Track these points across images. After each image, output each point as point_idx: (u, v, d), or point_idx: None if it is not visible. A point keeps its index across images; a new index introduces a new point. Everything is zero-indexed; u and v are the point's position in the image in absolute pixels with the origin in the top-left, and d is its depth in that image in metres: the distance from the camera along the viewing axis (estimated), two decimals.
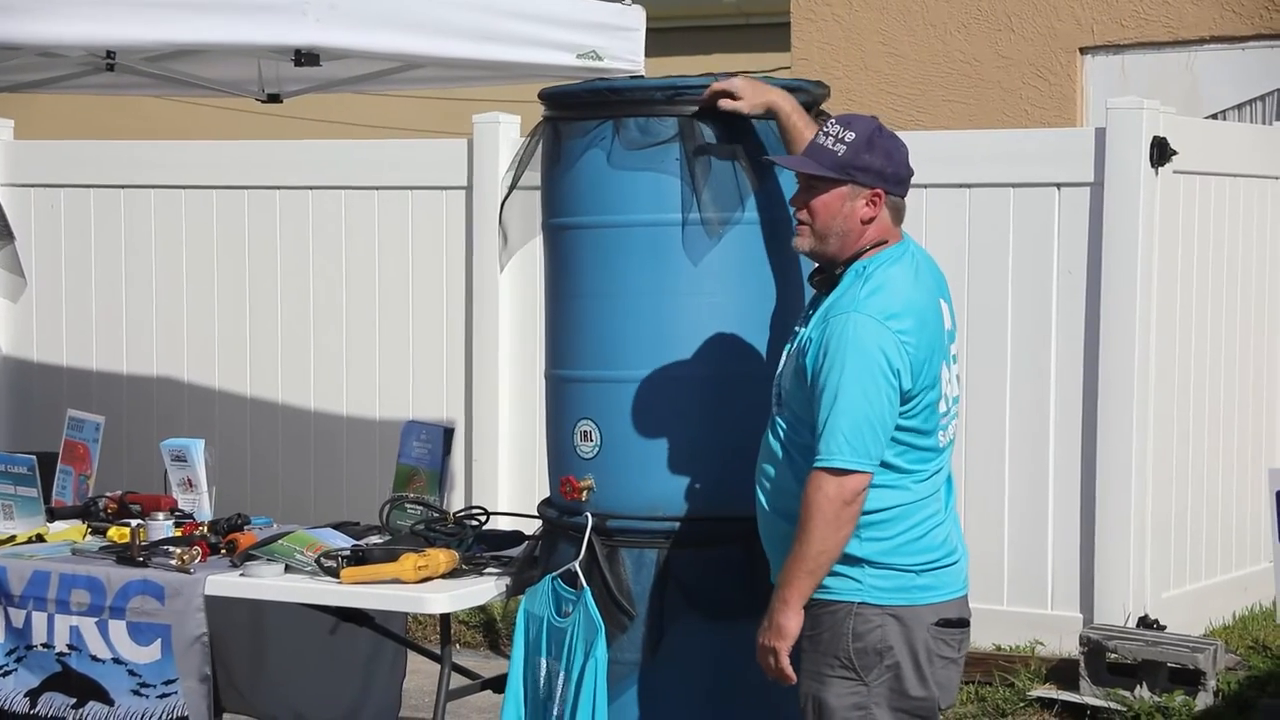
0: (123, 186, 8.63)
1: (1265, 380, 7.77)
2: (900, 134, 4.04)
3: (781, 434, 4.00)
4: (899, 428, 3.89)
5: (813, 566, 3.83)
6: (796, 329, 4.06)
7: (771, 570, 4.07)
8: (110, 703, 4.80)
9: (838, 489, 3.80)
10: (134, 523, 5.09)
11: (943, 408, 3.98)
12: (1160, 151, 6.89)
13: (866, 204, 3.94)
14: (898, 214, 4.01)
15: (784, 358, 4.05)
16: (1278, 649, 6.84)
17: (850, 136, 3.94)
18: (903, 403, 3.88)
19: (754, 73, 4.64)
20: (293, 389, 8.28)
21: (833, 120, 4.03)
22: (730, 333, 4.43)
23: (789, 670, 3.91)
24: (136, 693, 4.76)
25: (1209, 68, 9.93)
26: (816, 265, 4.09)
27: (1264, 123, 9.66)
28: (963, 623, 4.02)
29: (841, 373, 3.82)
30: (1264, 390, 7.76)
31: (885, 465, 3.89)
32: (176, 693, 4.72)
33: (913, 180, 4.05)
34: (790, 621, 3.87)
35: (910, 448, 3.93)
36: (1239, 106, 9.88)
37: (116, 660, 4.80)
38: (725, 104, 4.33)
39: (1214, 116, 9.64)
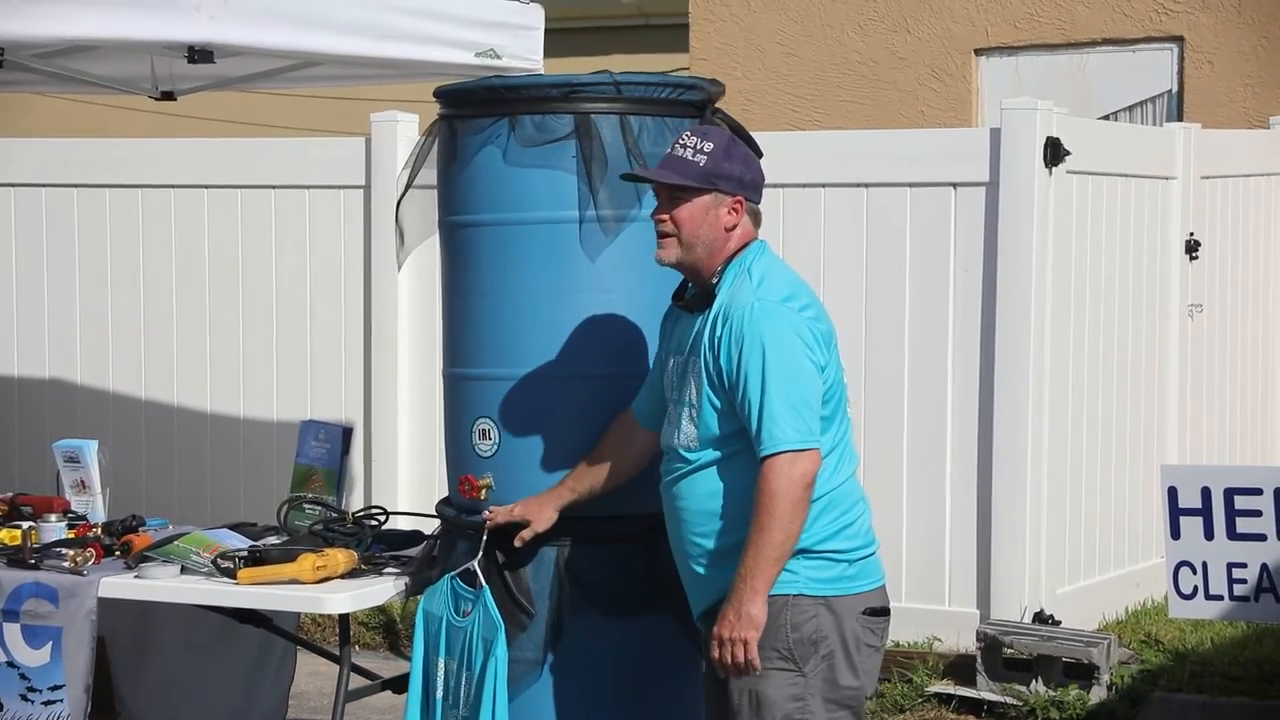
0: (13, 185, 8.50)
1: (1157, 378, 7.87)
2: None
3: (702, 443, 4.00)
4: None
5: (780, 554, 3.87)
6: (677, 352, 4.07)
7: (691, 573, 4.07)
8: (0, 708, 4.73)
9: (800, 472, 3.85)
10: (25, 525, 5.02)
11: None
12: (1054, 152, 6.97)
13: (729, 211, 4.04)
14: (757, 219, 4.11)
15: (687, 383, 4.03)
16: (1170, 643, 6.93)
17: (709, 146, 4.02)
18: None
19: (653, 73, 4.63)
20: (189, 390, 8.19)
21: (687, 133, 4.09)
22: (628, 330, 4.44)
23: (758, 659, 3.91)
24: (24, 697, 4.70)
25: (1101, 69, 10.07)
26: (679, 289, 4.14)
27: (1155, 123, 9.80)
28: (886, 611, 4.10)
29: (763, 361, 3.88)
30: (1156, 388, 7.86)
31: None
32: (62, 700, 4.65)
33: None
34: (761, 611, 3.89)
35: (830, 427, 3.98)
36: (1130, 108, 10.03)
37: (10, 664, 4.72)
38: (527, 534, 4.34)
39: (1106, 117, 9.77)
